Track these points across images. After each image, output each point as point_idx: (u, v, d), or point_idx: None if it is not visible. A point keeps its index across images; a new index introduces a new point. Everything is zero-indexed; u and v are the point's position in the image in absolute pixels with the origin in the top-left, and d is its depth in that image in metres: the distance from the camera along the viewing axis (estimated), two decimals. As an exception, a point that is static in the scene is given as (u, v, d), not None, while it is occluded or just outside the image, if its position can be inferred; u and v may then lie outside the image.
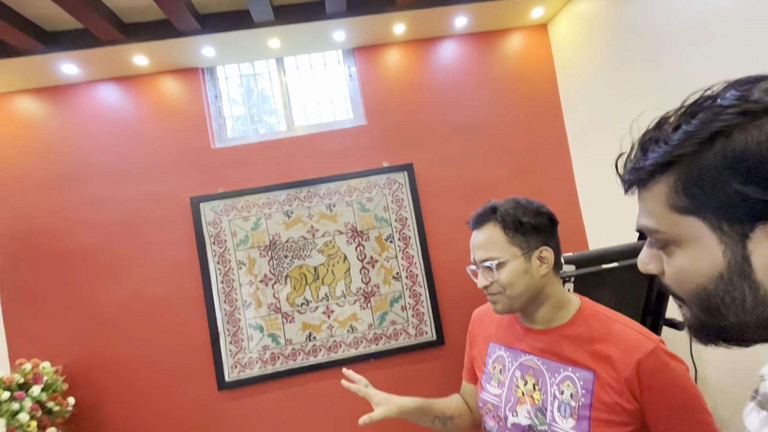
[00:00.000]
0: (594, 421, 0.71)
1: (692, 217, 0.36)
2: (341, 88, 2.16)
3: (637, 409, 0.69)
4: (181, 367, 1.87)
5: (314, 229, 1.98)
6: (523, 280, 0.80)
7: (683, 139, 0.35)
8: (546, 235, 0.83)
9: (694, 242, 0.36)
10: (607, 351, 0.73)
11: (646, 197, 0.40)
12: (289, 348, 1.93)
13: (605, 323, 0.78)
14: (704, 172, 0.34)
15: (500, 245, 0.81)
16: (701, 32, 1.29)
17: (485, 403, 0.89)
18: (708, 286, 0.36)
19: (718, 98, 0.35)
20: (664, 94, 1.47)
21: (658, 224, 0.39)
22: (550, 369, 0.80)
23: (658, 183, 0.38)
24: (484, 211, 0.86)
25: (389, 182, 2.03)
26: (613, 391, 0.71)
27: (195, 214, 1.93)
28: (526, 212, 0.81)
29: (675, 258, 0.39)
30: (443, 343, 1.97)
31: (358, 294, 1.97)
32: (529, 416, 0.79)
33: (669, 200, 0.37)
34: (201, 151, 1.98)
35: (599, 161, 1.92)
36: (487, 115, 2.10)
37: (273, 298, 1.94)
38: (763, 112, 0.32)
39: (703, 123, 0.34)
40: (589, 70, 1.90)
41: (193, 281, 1.91)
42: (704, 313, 0.38)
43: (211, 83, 2.07)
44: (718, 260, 0.35)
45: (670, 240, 0.38)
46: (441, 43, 2.10)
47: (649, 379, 0.68)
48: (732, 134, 0.33)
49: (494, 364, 0.91)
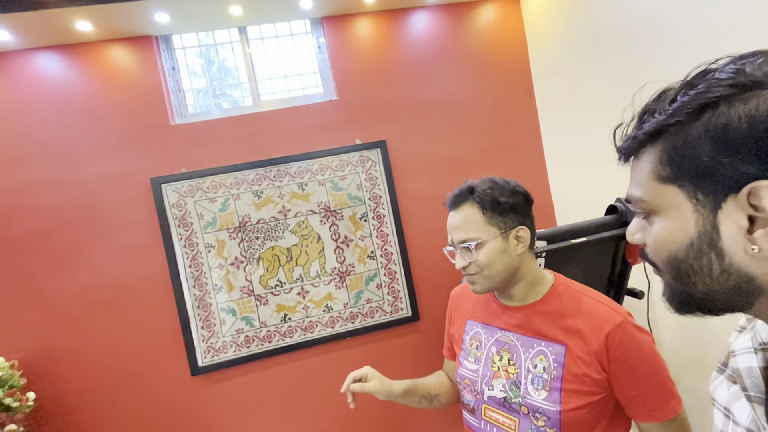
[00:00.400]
0: (564, 392, 0.75)
1: (672, 186, 0.37)
2: (310, 60, 2.06)
3: (605, 379, 0.73)
4: (150, 355, 1.81)
5: (286, 209, 1.92)
6: (501, 259, 0.81)
7: (676, 110, 0.36)
8: (523, 215, 0.84)
9: (672, 211, 0.38)
10: (578, 325, 0.76)
11: (635, 167, 0.41)
12: (264, 330, 1.90)
13: (577, 299, 0.80)
14: (687, 142, 0.35)
15: (478, 226, 0.82)
16: (672, 11, 1.31)
17: (463, 378, 0.91)
18: (679, 254, 0.38)
19: (717, 71, 0.35)
20: (634, 74, 1.50)
21: (642, 193, 0.40)
22: (524, 344, 0.82)
23: (647, 153, 0.39)
24: (461, 191, 0.85)
25: (362, 160, 1.98)
26: (582, 363, 0.74)
27: (157, 195, 1.82)
28: (504, 192, 0.82)
29: (654, 226, 0.40)
30: (418, 319, 2.01)
31: (333, 274, 1.96)
32: (504, 389, 0.82)
33: (654, 170, 0.38)
34: (159, 128, 1.84)
35: (568, 138, 1.97)
36: (460, 91, 2.08)
37: (245, 280, 1.89)
38: (752, 86, 0.32)
39: (697, 94, 0.35)
40: (561, 47, 1.90)
41: (158, 266, 1.82)
42: (676, 281, 0.40)
43: (167, 53, 1.91)
44: (690, 228, 0.37)
45: (652, 209, 0.40)
46: (413, 15, 2.03)
47: (616, 350, 0.72)
48: (719, 106, 0.33)
49: (471, 341, 0.93)
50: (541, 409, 0.76)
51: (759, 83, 0.32)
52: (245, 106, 2.01)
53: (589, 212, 1.66)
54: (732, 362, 0.47)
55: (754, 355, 0.43)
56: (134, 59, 1.83)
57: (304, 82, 2.08)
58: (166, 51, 1.91)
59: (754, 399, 0.41)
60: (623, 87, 1.56)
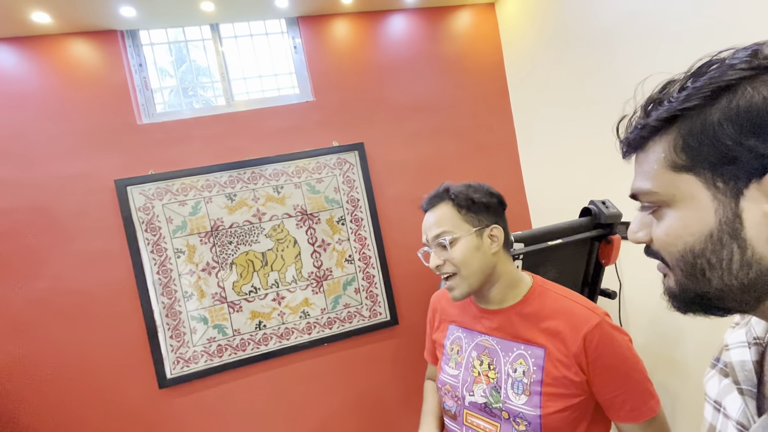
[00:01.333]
0: (544, 396, 0.74)
1: (688, 174, 0.35)
2: (285, 60, 2.01)
3: (584, 381, 0.73)
4: (115, 368, 1.70)
5: (261, 212, 1.87)
6: (476, 257, 0.81)
7: (689, 95, 0.34)
8: (496, 215, 0.86)
9: (687, 200, 0.35)
10: (557, 327, 0.76)
11: (643, 159, 0.39)
12: (238, 338, 1.83)
13: (555, 300, 0.80)
14: (706, 127, 0.33)
15: (453, 221, 0.83)
16: (646, 18, 1.35)
17: (444, 384, 0.90)
18: (696, 247, 0.35)
19: (728, 58, 0.34)
20: (607, 79, 1.54)
21: (653, 185, 0.38)
22: (504, 348, 0.82)
23: (658, 142, 0.37)
24: (437, 192, 0.88)
25: (340, 162, 1.95)
26: (562, 366, 0.74)
27: (122, 198, 1.72)
28: (478, 191, 0.84)
29: (666, 219, 0.38)
30: (397, 323, 1.99)
31: (309, 279, 1.91)
32: (484, 395, 0.81)
33: (667, 159, 0.36)
34: (125, 127, 1.75)
35: (543, 142, 2.00)
36: (437, 94, 2.08)
37: (217, 287, 1.82)
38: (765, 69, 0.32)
39: (711, 79, 0.33)
40: (535, 53, 1.94)
41: (123, 273, 1.72)
42: (688, 277, 0.37)
43: (133, 49, 1.82)
44: (709, 219, 0.34)
45: (663, 200, 0.37)
46: (390, 17, 2.02)
47: (595, 351, 0.72)
48: (738, 89, 0.32)
49: (452, 346, 0.92)
50: (521, 414, 0.75)
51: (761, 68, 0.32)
52: (218, 105, 1.94)
53: (563, 215, 1.69)
54: (725, 356, 0.47)
55: (747, 349, 0.43)
56: (97, 54, 1.73)
57: (279, 82, 2.03)
58: (132, 47, 1.82)
59: (746, 392, 0.41)
60: (597, 92, 1.61)
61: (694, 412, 1.42)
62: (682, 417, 1.45)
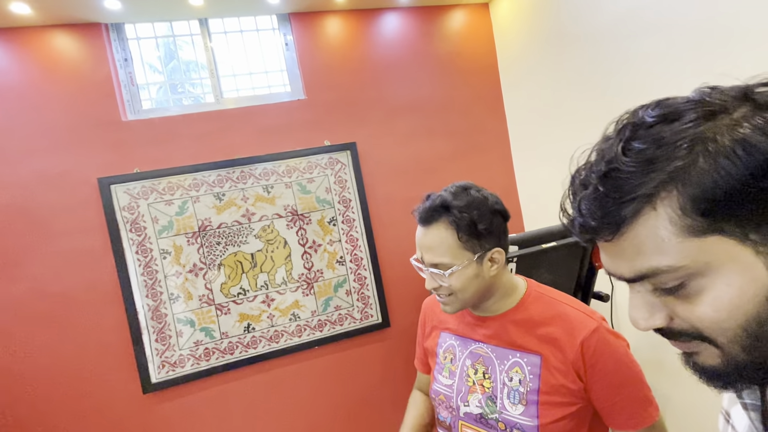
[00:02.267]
0: (542, 405, 0.72)
1: (715, 236, 0.30)
2: (276, 58, 1.97)
3: (581, 389, 0.71)
4: (97, 373, 1.64)
5: (250, 212, 1.82)
6: (474, 284, 0.77)
7: (666, 153, 0.31)
8: (498, 236, 0.78)
9: (728, 264, 0.30)
10: (553, 333, 0.74)
11: (635, 236, 0.33)
12: (225, 341, 1.79)
13: (550, 305, 0.78)
14: (714, 181, 0.29)
15: (452, 251, 0.75)
16: (639, 20, 1.34)
17: (437, 394, 0.87)
18: (760, 314, 0.30)
19: (648, 116, 0.33)
20: (601, 81, 1.54)
21: (674, 259, 0.31)
22: (499, 356, 0.79)
23: (651, 213, 0.31)
24: (433, 206, 0.77)
25: (331, 162, 1.92)
26: (559, 373, 0.72)
27: (105, 197, 1.67)
28: (482, 215, 0.75)
29: (705, 294, 0.32)
30: (389, 325, 1.96)
31: (300, 280, 1.87)
32: (480, 405, 0.79)
33: (679, 225, 0.31)
34: (109, 124, 1.70)
35: (536, 144, 2.00)
36: (429, 94, 2.06)
37: (205, 289, 1.77)
38: (729, 108, 0.31)
39: (675, 132, 0.31)
40: (529, 54, 1.93)
41: (106, 275, 1.67)
42: (748, 351, 0.32)
43: (118, 43, 1.76)
44: (763, 276, 0.30)
45: (693, 273, 0.31)
46: (384, 15, 2.00)
47: (592, 357, 0.70)
48: (718, 134, 0.30)
49: (445, 354, 0.89)
50: (518, 425, 0.73)
51: (723, 107, 0.31)
52: (206, 103, 1.90)
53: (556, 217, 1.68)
54: None
55: None
56: (80, 48, 1.67)
57: (270, 80, 1.99)
58: (117, 41, 1.76)
59: (750, 407, 0.39)
60: (591, 93, 1.60)
61: (684, 416, 1.43)
62: (672, 422, 1.45)
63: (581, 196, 0.35)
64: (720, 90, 0.32)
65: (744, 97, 0.31)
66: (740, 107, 0.30)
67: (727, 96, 0.31)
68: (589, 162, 0.36)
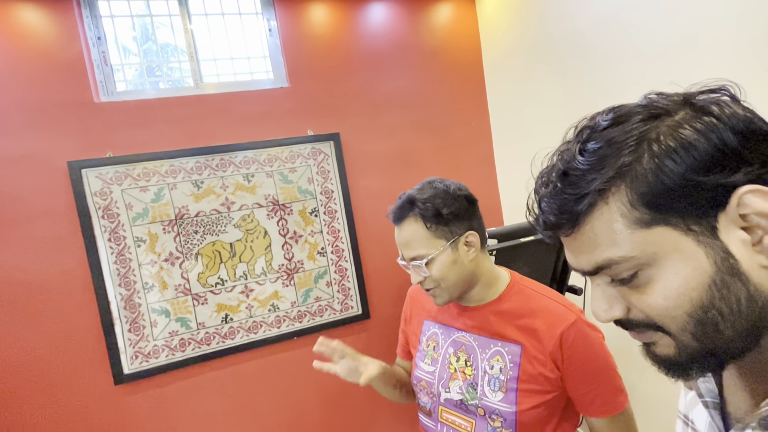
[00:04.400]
0: (520, 393, 0.75)
1: (660, 227, 0.32)
2: (259, 43, 1.92)
3: (558, 378, 0.74)
4: (65, 365, 1.59)
5: (229, 201, 1.79)
6: (454, 270, 0.79)
7: (619, 149, 0.33)
8: (468, 219, 0.81)
9: (673, 253, 0.32)
10: (533, 325, 0.77)
11: (591, 229, 0.35)
12: (202, 332, 1.76)
13: (532, 298, 0.81)
14: (656, 175, 0.32)
15: (425, 241, 0.79)
16: (623, 22, 1.38)
17: (419, 380, 0.89)
18: (704, 300, 0.32)
19: (602, 120, 0.36)
20: (583, 80, 1.57)
21: (627, 249, 0.33)
22: (481, 345, 0.81)
23: (604, 207, 0.34)
24: (401, 204, 0.82)
25: (314, 152, 1.90)
26: (538, 363, 0.74)
27: (75, 181, 1.59)
28: (445, 201, 0.79)
29: (655, 283, 0.34)
30: (369, 317, 1.97)
31: (280, 271, 1.85)
32: (461, 391, 0.81)
33: (629, 218, 0.33)
34: (80, 105, 1.62)
35: (517, 140, 2.03)
36: (414, 88, 2.06)
37: (181, 278, 1.73)
38: (672, 111, 0.33)
39: (624, 132, 0.33)
40: (514, 52, 1.95)
41: (76, 263, 1.60)
42: (698, 338, 0.33)
43: (91, 20, 1.68)
44: (704, 265, 0.32)
45: (643, 263, 0.33)
46: (370, 6, 1.98)
47: (570, 348, 0.73)
48: (661, 133, 0.32)
49: (428, 342, 0.91)
50: (497, 411, 0.75)
51: (666, 110, 0.33)
52: (185, 87, 1.83)
53: (536, 212, 1.71)
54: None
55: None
56: (50, 23, 1.58)
57: (252, 66, 1.94)
58: (90, 17, 1.67)
59: (710, 405, 0.41)
60: (573, 91, 1.64)
61: (649, 405, 1.50)
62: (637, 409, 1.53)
63: (542, 195, 0.38)
64: (665, 95, 0.35)
65: (685, 102, 0.34)
66: (681, 110, 0.33)
67: (670, 100, 0.34)
68: (550, 164, 0.39)
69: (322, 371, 0.88)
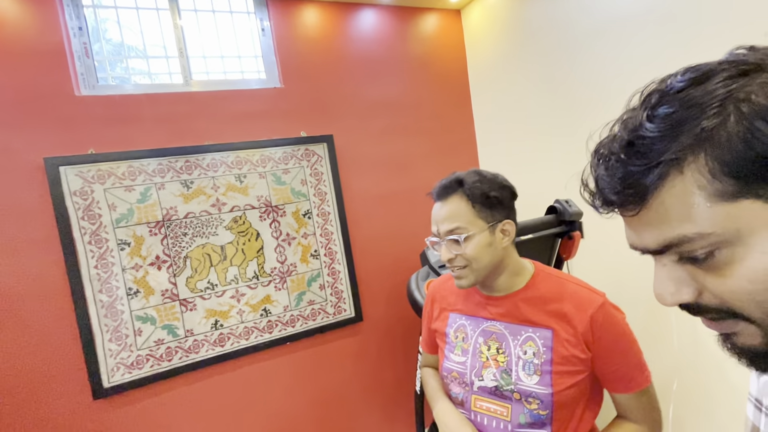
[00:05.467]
0: (555, 374, 0.78)
1: (746, 200, 0.28)
2: (250, 43, 1.89)
3: (589, 358, 0.79)
4: (39, 378, 1.45)
5: (220, 202, 1.73)
6: (487, 252, 0.83)
7: (695, 114, 0.29)
8: (508, 209, 0.87)
9: (762, 231, 0.28)
10: (562, 309, 0.81)
11: (660, 204, 0.31)
12: (190, 340, 1.67)
13: (558, 284, 0.85)
14: (746, 141, 0.27)
15: (467, 217, 0.83)
16: (606, 33, 1.49)
17: (450, 371, 0.90)
18: None
19: (677, 81, 0.31)
20: (569, 88, 1.68)
21: (703, 225, 0.29)
22: (512, 332, 0.85)
23: (678, 178, 0.30)
24: (449, 182, 0.86)
25: (308, 153, 1.88)
26: (570, 345, 0.79)
27: (52, 179, 1.48)
28: (492, 186, 0.84)
29: (737, 264, 0.29)
30: (362, 320, 1.96)
31: (272, 274, 1.81)
32: (495, 378, 0.83)
33: (709, 190, 0.29)
34: (59, 98, 1.51)
35: (501, 146, 2.12)
36: (403, 93, 2.11)
37: (168, 283, 1.64)
38: (765, 67, 0.29)
39: (705, 93, 0.29)
40: (497, 61, 2.06)
41: (52, 267, 1.48)
42: None
43: (72, 9, 1.58)
44: None
45: (723, 241, 0.29)
46: (363, 11, 2.01)
47: (600, 330, 0.78)
48: (753, 92, 0.28)
49: (456, 333, 0.93)
50: (534, 393, 0.78)
51: (759, 66, 0.29)
52: (174, 83, 1.76)
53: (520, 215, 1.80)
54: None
55: None
56: (27, 10, 1.48)
57: (243, 65, 1.90)
58: (71, 6, 1.58)
59: None
60: (556, 100, 1.74)
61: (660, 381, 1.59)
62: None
63: (603, 168, 0.33)
64: (757, 48, 0.30)
65: None
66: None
67: (764, 54, 0.29)
68: (612, 134, 0.34)
69: (315, 376, 0.87)
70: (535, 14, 1.79)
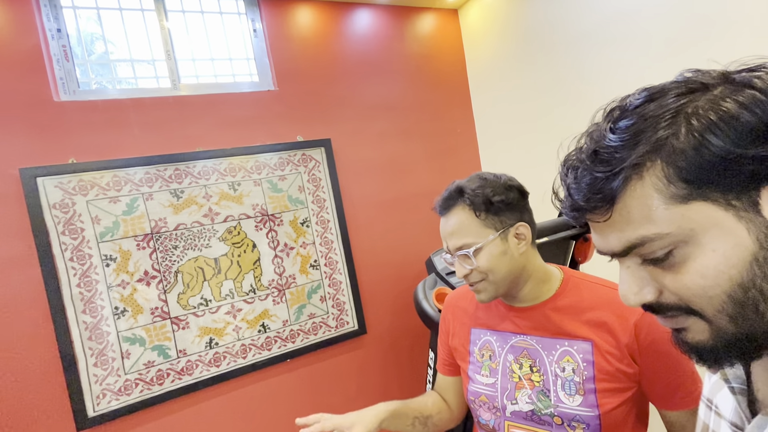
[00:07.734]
0: (600, 393, 0.69)
1: (699, 202, 0.31)
2: (242, 45, 1.81)
3: (636, 372, 0.70)
4: (15, 409, 1.32)
5: (213, 212, 1.62)
6: (503, 262, 0.74)
7: (651, 125, 0.32)
8: (519, 210, 0.78)
9: (712, 230, 0.31)
10: (601, 317, 0.72)
11: (623, 207, 0.33)
12: (183, 361, 1.55)
13: (592, 289, 0.77)
14: (696, 148, 0.30)
15: (473, 229, 0.75)
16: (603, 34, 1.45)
17: (477, 395, 0.81)
18: (744, 279, 0.30)
19: (635, 99, 0.35)
20: (567, 87, 1.62)
21: (661, 226, 0.32)
22: (545, 346, 0.76)
23: (638, 182, 0.32)
24: (449, 194, 0.78)
25: (305, 159, 1.79)
26: (613, 358, 0.70)
27: (29, 191, 1.37)
28: (496, 190, 0.75)
29: (691, 261, 0.32)
30: (365, 332, 1.86)
31: (270, 287, 1.70)
32: (531, 401, 0.74)
33: (665, 193, 0.31)
34: (36, 104, 1.41)
35: (503, 147, 2.06)
36: (402, 94, 2.04)
37: (158, 300, 1.53)
38: (710, 86, 0.32)
39: (660, 107, 0.32)
40: (496, 61, 2.00)
41: (30, 287, 1.36)
42: (736, 320, 0.31)
43: (50, 11, 1.48)
44: (745, 241, 0.30)
45: (679, 240, 0.32)
46: (358, 11, 1.94)
47: (646, 338, 0.69)
48: (700, 107, 0.31)
49: (481, 351, 0.83)
50: (578, 417, 0.69)
51: (704, 85, 0.32)
52: (161, 88, 1.67)
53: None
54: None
55: None
56: (1, 12, 1.37)
57: (235, 68, 1.81)
58: (48, 7, 1.48)
59: (737, 391, 0.39)
60: (557, 100, 1.69)
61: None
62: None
63: (572, 177, 0.36)
64: (702, 71, 0.34)
65: (724, 78, 0.33)
66: (720, 85, 0.32)
67: (708, 76, 0.33)
68: (579, 145, 0.37)
69: (318, 394, 0.79)
70: (532, 13, 1.74)
